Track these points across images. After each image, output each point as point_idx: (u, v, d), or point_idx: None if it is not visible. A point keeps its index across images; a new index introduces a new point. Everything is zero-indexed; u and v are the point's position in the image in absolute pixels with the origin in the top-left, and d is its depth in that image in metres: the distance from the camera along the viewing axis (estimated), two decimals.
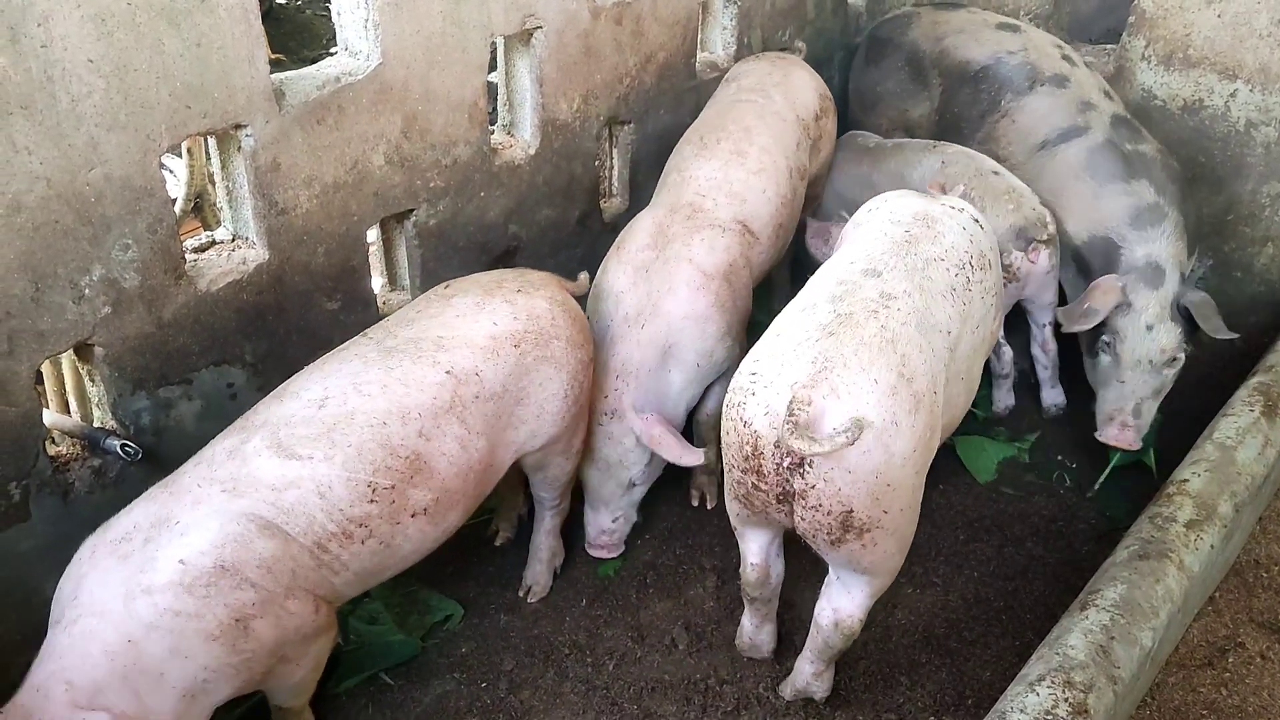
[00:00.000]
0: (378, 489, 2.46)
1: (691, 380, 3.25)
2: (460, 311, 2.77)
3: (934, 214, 2.90)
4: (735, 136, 3.59)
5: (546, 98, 3.63)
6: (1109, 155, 3.77)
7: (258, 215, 2.91)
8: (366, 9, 2.95)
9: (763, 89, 3.83)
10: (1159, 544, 2.78)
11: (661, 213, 3.40)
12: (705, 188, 3.44)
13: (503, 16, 3.31)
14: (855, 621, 2.62)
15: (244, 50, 2.66)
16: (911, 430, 2.33)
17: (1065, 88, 3.99)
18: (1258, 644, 2.99)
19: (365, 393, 2.52)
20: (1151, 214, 3.64)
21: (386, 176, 3.17)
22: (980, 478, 3.72)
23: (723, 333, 3.23)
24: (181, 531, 2.26)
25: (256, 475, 2.36)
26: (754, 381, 2.42)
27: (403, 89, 3.10)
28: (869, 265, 2.65)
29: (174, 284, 2.74)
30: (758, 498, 2.46)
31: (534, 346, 2.79)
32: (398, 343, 2.66)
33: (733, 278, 3.28)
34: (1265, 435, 3.18)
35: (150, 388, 2.79)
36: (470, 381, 2.65)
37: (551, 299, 2.91)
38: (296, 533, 2.36)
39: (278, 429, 2.44)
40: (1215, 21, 4.15)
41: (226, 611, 2.24)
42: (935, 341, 2.53)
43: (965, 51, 4.24)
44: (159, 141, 2.56)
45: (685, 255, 3.23)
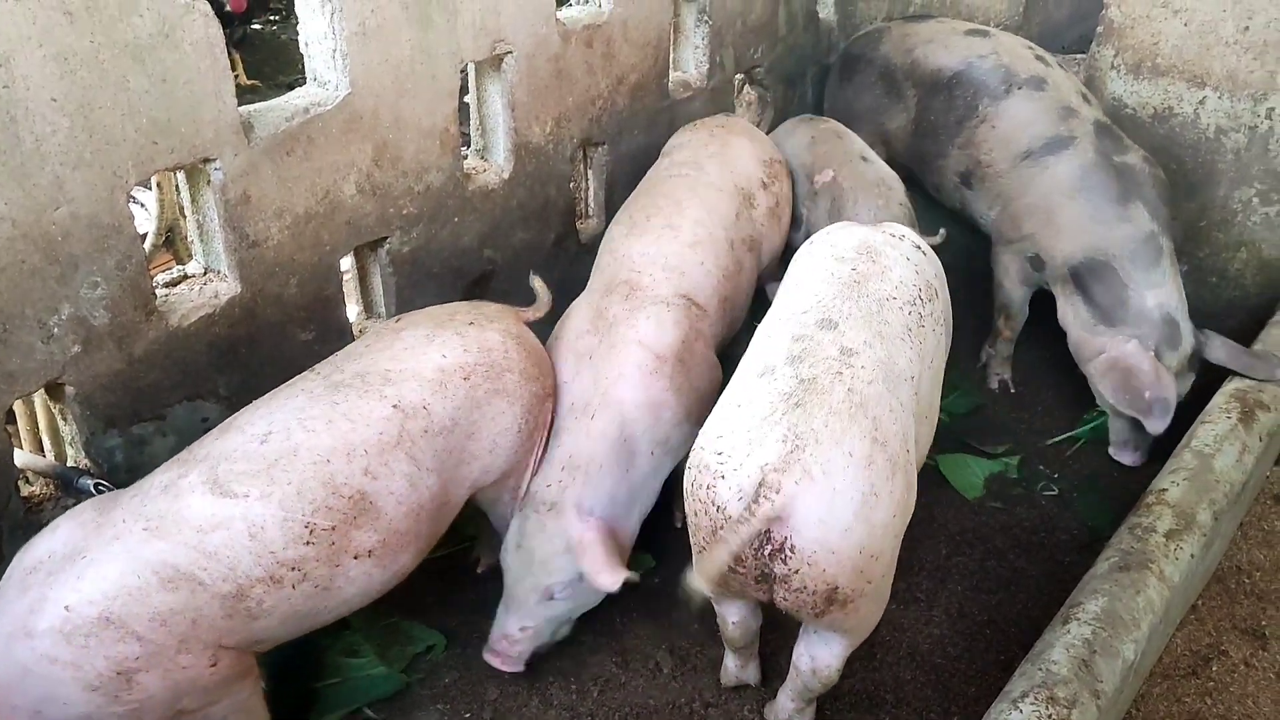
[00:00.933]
0: (316, 530, 2.38)
1: (649, 474, 3.00)
2: (409, 344, 2.72)
3: (876, 246, 2.80)
4: (666, 211, 3.41)
5: (519, 122, 3.63)
6: (1102, 174, 3.72)
7: (229, 248, 2.90)
8: (334, 39, 2.95)
9: (695, 162, 3.67)
10: (1139, 555, 2.78)
11: (597, 296, 3.20)
12: (640, 264, 3.24)
13: (472, 43, 3.31)
14: (833, 671, 2.59)
15: (210, 84, 2.66)
16: (890, 496, 2.26)
17: (1043, 90, 3.95)
18: (1241, 651, 3.00)
19: (309, 428, 2.45)
20: (1150, 247, 3.62)
21: (358, 205, 3.17)
22: (969, 495, 3.71)
23: (680, 418, 2.99)
24: (80, 573, 2.19)
25: (184, 515, 2.28)
26: (722, 463, 2.27)
27: (373, 118, 3.10)
28: (823, 315, 2.52)
29: (145, 320, 2.73)
30: (735, 580, 2.36)
31: (485, 379, 2.73)
32: (345, 377, 2.60)
33: (687, 356, 3.06)
34: (1243, 442, 3.19)
35: (123, 425, 2.77)
36: (418, 415, 2.58)
37: (505, 331, 2.86)
38: (213, 579, 2.27)
39: (216, 464, 2.38)
40: (1182, 30, 4.18)
41: (106, 664, 2.16)
42: (902, 393, 2.43)
43: (936, 59, 4.24)
44: (126, 178, 2.55)
45: (632, 337, 3.01)
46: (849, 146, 4.09)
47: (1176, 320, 3.58)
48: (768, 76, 4.87)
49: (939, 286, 2.86)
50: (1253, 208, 4.29)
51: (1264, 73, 4.07)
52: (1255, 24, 4.02)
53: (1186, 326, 3.58)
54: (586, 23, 3.75)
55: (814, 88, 5.24)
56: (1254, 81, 4.10)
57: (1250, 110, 4.15)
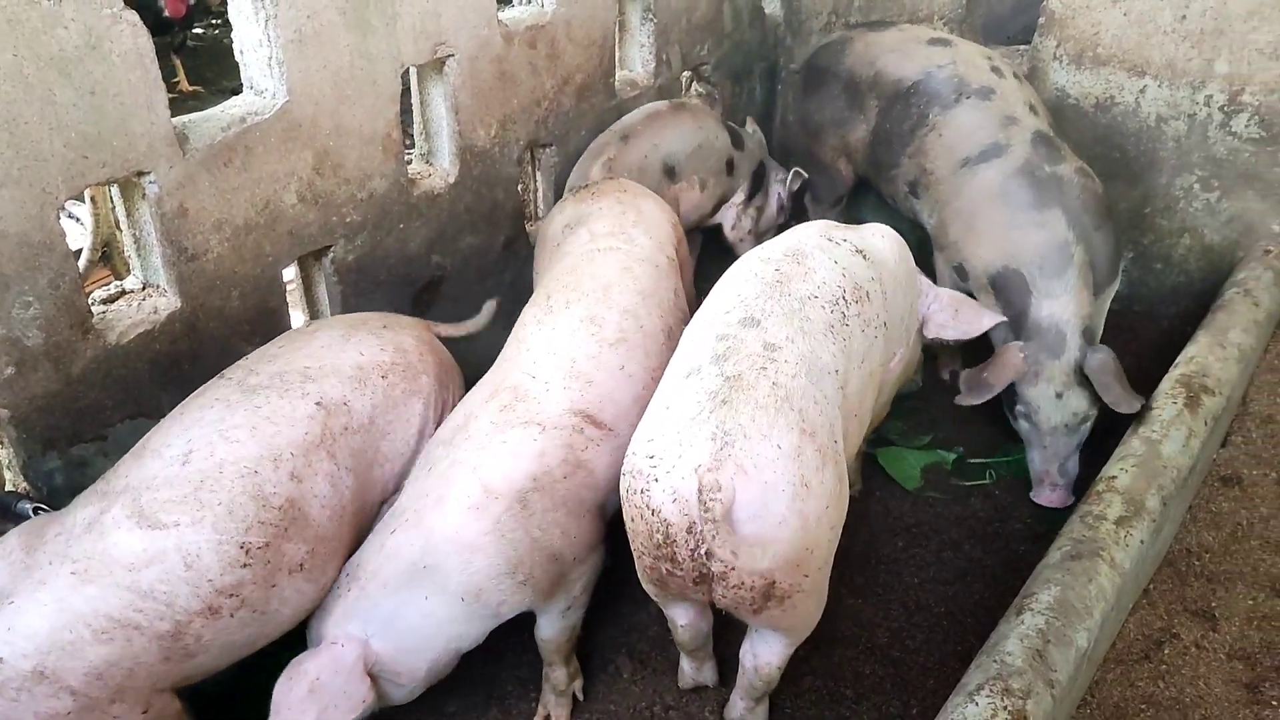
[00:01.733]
0: (251, 549, 2.32)
1: (455, 618, 2.51)
2: (325, 343, 2.71)
3: (805, 249, 2.80)
4: (590, 298, 2.89)
5: (463, 125, 3.59)
6: (1022, 181, 3.67)
7: (167, 262, 2.84)
8: (270, 46, 2.90)
9: (623, 232, 3.17)
10: (1090, 543, 2.81)
11: (482, 394, 2.75)
12: (539, 364, 2.74)
13: (412, 46, 3.27)
14: (774, 669, 2.61)
15: (141, 96, 2.60)
16: (822, 487, 2.28)
17: (990, 100, 3.91)
18: (1192, 633, 3.03)
19: (232, 439, 2.39)
20: (1059, 256, 3.55)
21: (300, 215, 3.12)
22: (907, 485, 3.74)
23: (501, 571, 2.49)
24: (10, 623, 2.11)
25: (112, 555, 2.21)
26: (654, 466, 2.26)
27: (312, 125, 3.05)
28: (745, 314, 2.53)
29: (81, 339, 2.66)
30: (674, 582, 2.37)
31: (401, 379, 2.74)
32: (261, 380, 2.55)
33: (536, 498, 2.53)
34: (1189, 427, 3.23)
35: (62, 447, 2.71)
36: (339, 412, 2.57)
37: (418, 337, 2.89)
38: (150, 620, 2.20)
39: (139, 494, 2.28)
40: (1122, 20, 4.23)
41: (36, 718, 2.09)
42: (826, 386, 2.46)
43: (898, 70, 4.16)
44: (56, 194, 2.49)
45: (471, 461, 2.54)
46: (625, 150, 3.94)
47: (1064, 332, 3.52)
48: (715, 74, 4.87)
49: (873, 290, 2.81)
50: (1194, 194, 4.35)
51: (1201, 61, 4.12)
52: (1192, 13, 4.07)
53: (1075, 341, 3.51)
54: (529, 23, 3.72)
55: (762, 84, 5.24)
56: (1192, 70, 4.16)
57: (1189, 98, 4.21)
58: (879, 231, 3.14)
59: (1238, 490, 3.51)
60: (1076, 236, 3.56)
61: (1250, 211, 4.26)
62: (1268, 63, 4.01)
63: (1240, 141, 4.17)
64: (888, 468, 3.79)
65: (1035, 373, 3.53)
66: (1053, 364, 3.51)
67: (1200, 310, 4.09)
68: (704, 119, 4.17)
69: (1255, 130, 4.13)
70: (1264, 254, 4.20)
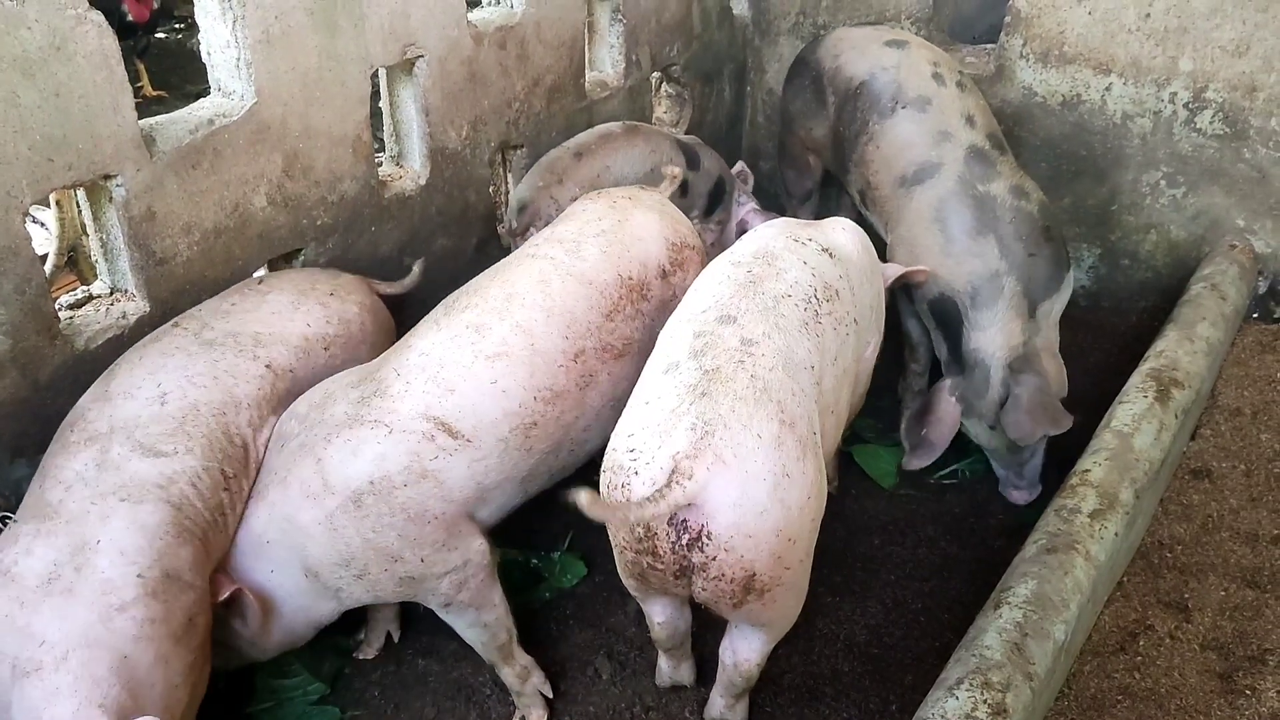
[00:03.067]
0: (228, 478, 2.55)
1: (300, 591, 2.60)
2: (275, 309, 2.83)
3: (774, 251, 2.81)
4: (487, 305, 2.73)
5: (434, 127, 3.57)
6: (958, 205, 3.56)
7: (135, 267, 2.80)
8: (238, 48, 2.88)
9: (576, 240, 2.97)
10: (1065, 536, 2.83)
11: (350, 379, 2.67)
12: (409, 364, 2.62)
13: (381, 47, 3.25)
14: (753, 665, 2.61)
15: (107, 98, 2.57)
16: (803, 478, 2.28)
17: (925, 112, 3.74)
18: (1166, 625, 3.06)
19: (199, 384, 2.58)
20: (990, 288, 3.46)
21: (270, 218, 3.09)
22: (883, 483, 3.75)
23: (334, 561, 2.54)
24: (118, 548, 2.28)
25: (142, 477, 2.39)
26: (634, 459, 2.26)
27: (281, 127, 3.02)
28: (721, 311, 2.54)
29: (49, 344, 2.63)
30: (655, 576, 2.37)
31: (342, 351, 2.89)
32: (216, 335, 2.70)
33: (372, 500, 2.48)
34: (1160, 420, 3.26)
35: (31, 455, 2.66)
36: (285, 379, 2.74)
37: (361, 305, 3.02)
38: (193, 523, 2.43)
39: (130, 432, 2.46)
40: (1086, 18, 4.27)
41: (183, 613, 2.32)
42: (803, 380, 2.47)
43: (852, 67, 4.04)
44: (20, 198, 2.45)
45: (317, 450, 2.52)
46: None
47: (988, 367, 3.46)
48: (684, 74, 4.87)
49: (842, 288, 2.82)
50: (1160, 190, 4.40)
51: (1166, 58, 4.17)
52: (1156, 10, 4.12)
53: (998, 376, 3.45)
54: (499, 24, 3.71)
55: (730, 85, 5.25)
56: (1156, 67, 4.21)
57: (1154, 95, 4.26)
58: (840, 225, 3.14)
59: (1208, 483, 3.55)
60: (1009, 266, 3.46)
61: (1215, 207, 4.31)
62: (1231, 60, 4.07)
63: (1205, 138, 4.23)
64: (863, 465, 3.80)
65: (966, 410, 3.52)
66: (979, 402, 3.49)
67: (1167, 305, 4.14)
68: (657, 141, 4.13)
69: (1219, 127, 4.18)
70: (1229, 249, 4.26)
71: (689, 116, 4.96)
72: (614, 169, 3.93)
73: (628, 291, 2.93)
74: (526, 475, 2.72)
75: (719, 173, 4.35)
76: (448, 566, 2.61)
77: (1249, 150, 4.16)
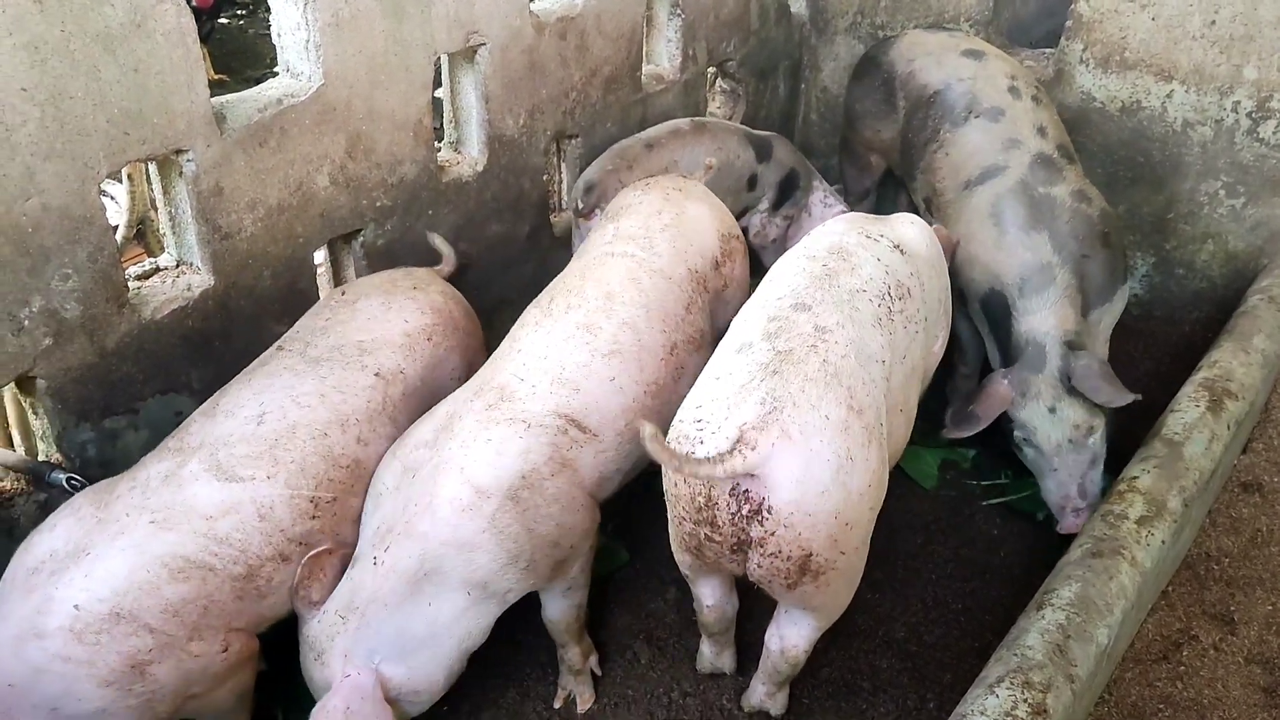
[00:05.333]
0: (320, 503, 2.49)
1: (462, 614, 2.51)
2: (371, 315, 2.86)
3: (848, 246, 2.83)
4: (590, 305, 2.80)
5: (492, 114, 3.62)
6: (1015, 201, 3.56)
7: (201, 240, 2.87)
8: (307, 30, 2.93)
9: (646, 236, 3.03)
10: (1111, 541, 2.82)
11: (466, 394, 2.67)
12: (529, 368, 2.67)
13: (446, 34, 3.30)
14: (800, 652, 2.63)
15: (183, 75, 2.63)
16: (866, 464, 2.30)
17: (998, 122, 3.76)
18: (1210, 636, 3.04)
19: (304, 404, 2.57)
20: (1041, 277, 3.44)
21: (332, 197, 3.15)
22: (925, 484, 3.75)
23: (503, 563, 2.49)
24: (88, 570, 2.22)
25: (191, 504, 2.35)
26: (700, 429, 2.30)
27: (346, 109, 3.08)
28: (796, 300, 2.57)
29: (117, 313, 2.70)
30: (710, 549, 2.39)
31: (444, 338, 2.94)
32: (320, 352, 2.72)
33: (527, 494, 2.50)
34: (1211, 430, 3.23)
35: (95, 419, 2.74)
36: (397, 380, 2.77)
37: (443, 291, 3.07)
38: (223, 564, 2.34)
39: (216, 450, 2.43)
40: (1150, 24, 4.23)
41: (120, 658, 2.20)
42: (874, 372, 2.49)
43: (926, 75, 4.04)
44: (97, 169, 2.52)
45: (457, 461, 2.48)
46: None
47: (1043, 344, 3.38)
48: (740, 70, 4.88)
49: (913, 285, 2.85)
50: (1219, 200, 4.35)
51: (1230, 66, 4.13)
52: (1221, 18, 4.07)
53: (1056, 350, 3.36)
54: (560, 15, 3.74)
55: (785, 82, 5.26)
56: (1220, 75, 4.16)
57: (1216, 104, 4.21)
58: (908, 219, 3.17)
59: (1258, 496, 3.51)
60: (1061, 260, 3.45)
61: (1275, 218, 4.25)
62: None
63: (1267, 148, 4.17)
64: (905, 466, 3.79)
65: (1022, 393, 3.37)
66: (1037, 379, 3.35)
67: (1222, 317, 4.09)
68: (724, 139, 4.15)
69: None
70: None
71: (743, 112, 4.97)
72: (681, 163, 3.98)
73: (696, 284, 3.04)
74: (633, 465, 2.81)
75: (792, 165, 4.36)
76: (585, 546, 2.73)
77: None
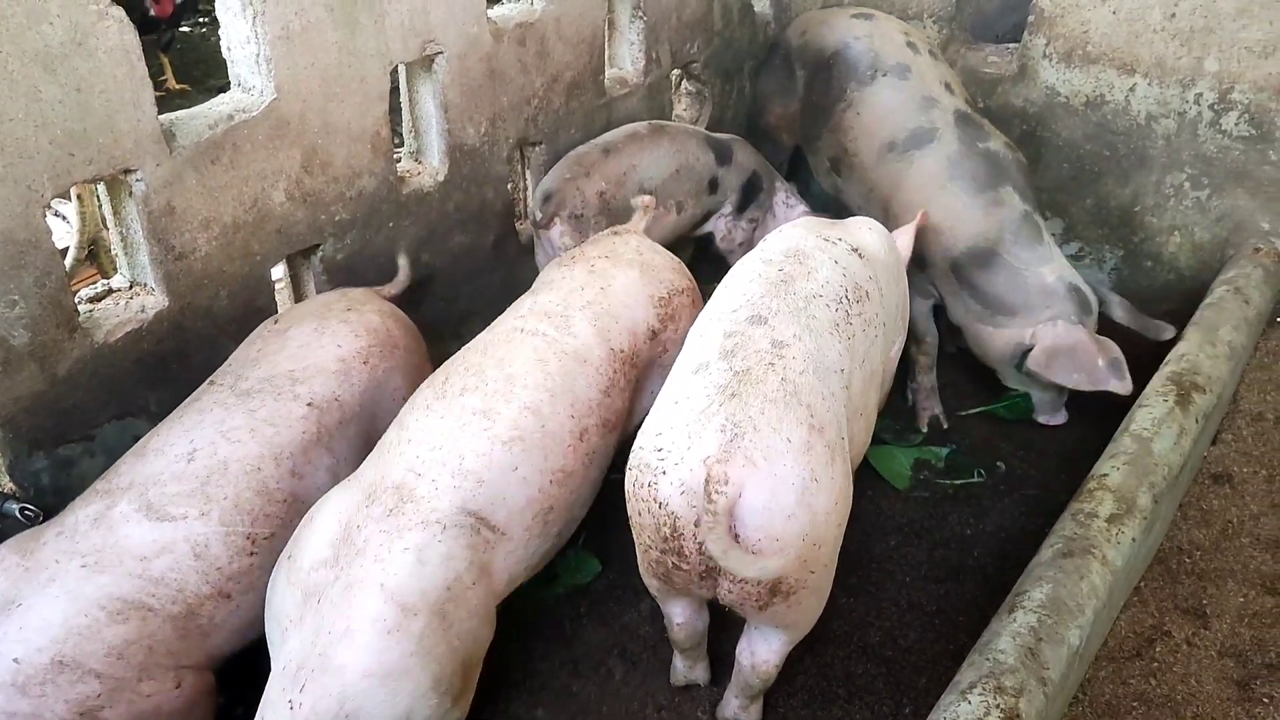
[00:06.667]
0: (257, 540, 2.43)
1: None
2: (302, 342, 2.77)
3: (805, 249, 2.81)
4: (489, 388, 2.56)
5: (452, 123, 3.57)
6: (970, 163, 3.74)
7: (154, 261, 2.82)
8: (257, 44, 2.88)
9: (563, 314, 2.82)
10: (1082, 540, 2.81)
11: (355, 498, 2.37)
12: (424, 460, 2.40)
13: (401, 44, 3.25)
14: (771, 667, 2.60)
15: (128, 93, 2.58)
16: (831, 483, 2.28)
17: (906, 79, 3.96)
18: (1183, 631, 3.03)
19: (234, 439, 2.50)
20: (1029, 226, 3.65)
21: (289, 213, 3.10)
22: (897, 484, 3.73)
23: (426, 689, 2.20)
24: (21, 622, 2.16)
25: (124, 545, 2.28)
26: (662, 459, 2.26)
27: (300, 123, 3.03)
28: (752, 312, 2.54)
29: (68, 338, 2.64)
30: (679, 576, 2.36)
31: (381, 359, 2.84)
32: (251, 384, 2.64)
33: (452, 608, 2.26)
34: (1180, 425, 3.23)
35: (48, 447, 2.69)
36: (331, 409, 2.68)
37: (380, 310, 2.98)
38: (161, 604, 2.27)
39: (146, 489, 2.37)
40: (1111, 18, 4.23)
41: (67, 707, 2.14)
42: (833, 384, 2.47)
43: (820, 40, 4.27)
44: (41, 192, 2.47)
45: (374, 578, 2.21)
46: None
47: (1080, 288, 3.62)
48: (705, 71, 4.85)
49: (872, 289, 2.85)
50: (1184, 192, 4.36)
51: (1191, 59, 4.13)
52: (1181, 10, 4.08)
53: (1088, 289, 3.65)
54: (518, 21, 3.70)
55: (751, 82, 5.23)
56: (1181, 68, 4.17)
57: (1179, 96, 4.22)
58: (866, 224, 3.16)
59: (1228, 488, 3.51)
60: (1033, 207, 3.70)
61: (1240, 209, 4.27)
62: (1257, 61, 4.02)
63: (1230, 140, 4.18)
64: (878, 467, 3.78)
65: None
66: (1090, 319, 3.60)
67: (1190, 308, 4.09)
68: (683, 141, 4.13)
69: (1245, 128, 4.14)
70: (1253, 252, 4.21)
71: (709, 114, 4.94)
72: (640, 167, 3.96)
73: (620, 365, 2.83)
74: (538, 563, 2.64)
75: (754, 167, 4.34)
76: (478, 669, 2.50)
77: (1275, 152, 4.11)
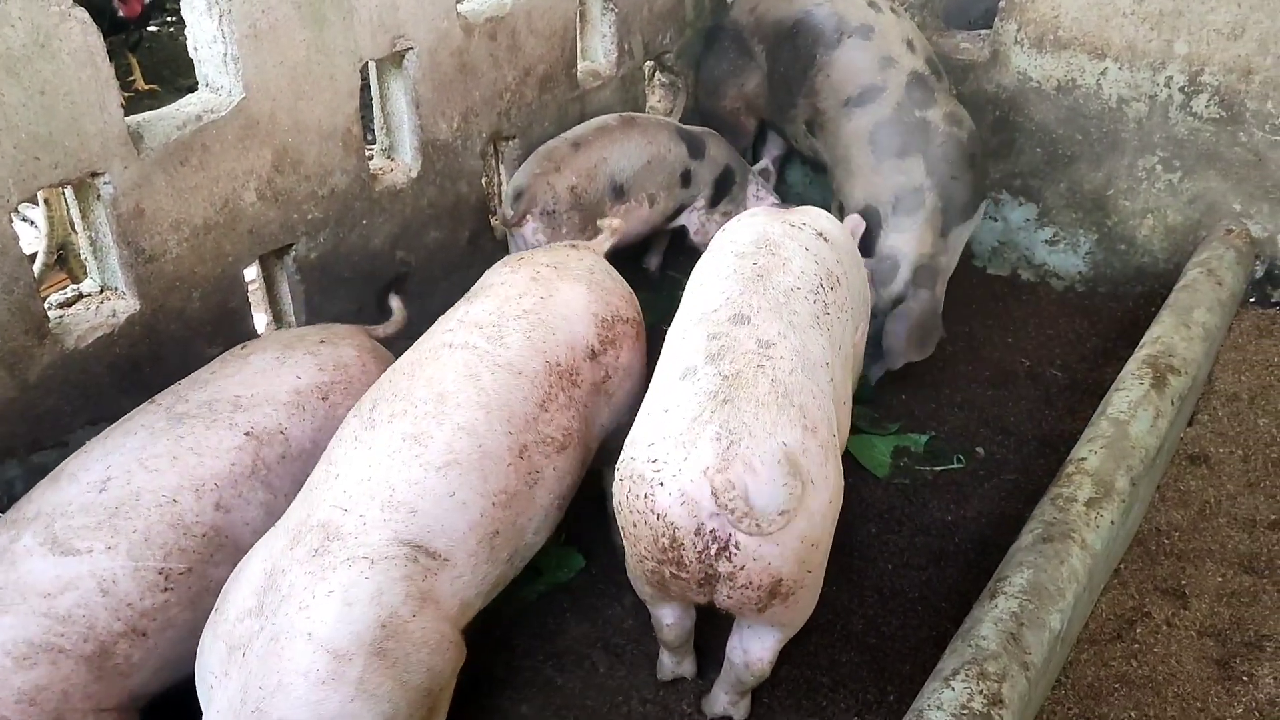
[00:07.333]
0: (172, 575, 2.29)
1: None
2: (259, 368, 2.61)
3: (774, 238, 2.80)
4: (419, 410, 2.39)
5: (424, 119, 3.55)
6: (891, 129, 3.93)
7: (125, 264, 2.79)
8: (225, 43, 2.85)
9: (496, 324, 2.64)
10: (1061, 525, 2.82)
11: (281, 541, 2.22)
12: (351, 494, 2.25)
13: (370, 40, 3.22)
14: (765, 664, 2.59)
15: (93, 95, 2.55)
16: (825, 482, 2.28)
17: (870, 39, 4.07)
18: (1163, 611, 3.06)
19: (151, 468, 2.34)
20: (913, 200, 3.85)
21: (260, 213, 3.07)
22: (877, 473, 3.74)
23: None
24: None
25: (26, 581, 2.16)
26: (658, 470, 2.23)
27: (270, 122, 3.00)
28: (734, 311, 2.51)
29: (38, 344, 2.61)
30: (676, 585, 2.35)
31: (344, 397, 2.65)
32: (189, 408, 2.49)
33: (393, 645, 2.13)
34: (1156, 407, 3.25)
35: (22, 455, 2.66)
36: (274, 441, 2.51)
37: (359, 346, 2.81)
38: (72, 644, 2.16)
39: (52, 521, 2.23)
40: (1081, 2, 4.24)
41: None
42: (820, 380, 2.46)
43: (777, 11, 4.35)
44: (7, 197, 2.44)
45: (301, 627, 2.06)
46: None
47: (899, 264, 3.83)
48: (678, 63, 4.84)
49: (840, 274, 2.84)
50: (1156, 175, 4.38)
51: (1161, 42, 4.15)
52: None
53: (905, 275, 3.83)
54: (489, 15, 3.68)
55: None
56: (1152, 51, 4.18)
57: (1150, 80, 4.23)
58: (818, 213, 3.13)
59: (1205, 469, 3.54)
60: (933, 184, 3.85)
61: (1212, 191, 4.29)
62: (1226, 43, 4.04)
63: (1201, 122, 4.20)
64: (858, 455, 3.78)
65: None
66: (881, 292, 3.80)
67: (1164, 290, 4.12)
68: (654, 133, 4.11)
69: (1215, 110, 4.16)
70: (1226, 233, 4.24)
71: (683, 105, 4.93)
72: (611, 160, 3.94)
73: (558, 379, 2.66)
74: (496, 584, 2.53)
75: (727, 161, 4.33)
76: (451, 686, 2.45)
77: (1245, 134, 4.13)
